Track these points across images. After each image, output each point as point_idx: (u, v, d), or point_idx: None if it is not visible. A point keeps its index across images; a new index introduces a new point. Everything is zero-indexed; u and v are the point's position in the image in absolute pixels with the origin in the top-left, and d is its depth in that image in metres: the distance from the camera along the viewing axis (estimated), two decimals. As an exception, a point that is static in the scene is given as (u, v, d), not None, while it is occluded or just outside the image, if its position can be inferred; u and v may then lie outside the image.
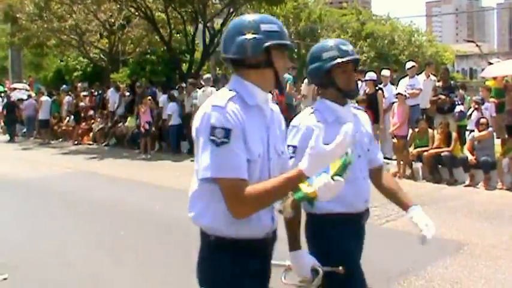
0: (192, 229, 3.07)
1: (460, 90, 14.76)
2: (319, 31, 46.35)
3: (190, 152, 16.71)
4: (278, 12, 39.39)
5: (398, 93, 13.60)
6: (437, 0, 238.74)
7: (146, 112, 18.35)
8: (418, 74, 14.64)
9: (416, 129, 13.13)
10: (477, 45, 53.27)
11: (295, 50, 44.00)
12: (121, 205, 10.66)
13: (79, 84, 27.34)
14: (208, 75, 18.04)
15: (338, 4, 72.07)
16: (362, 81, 14.64)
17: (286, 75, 16.33)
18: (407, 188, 11.52)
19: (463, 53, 65.83)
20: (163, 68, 27.17)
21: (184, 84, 19.17)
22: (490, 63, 17.68)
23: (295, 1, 43.39)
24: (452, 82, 14.88)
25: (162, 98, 18.98)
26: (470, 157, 12.22)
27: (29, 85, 32.28)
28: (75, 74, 33.53)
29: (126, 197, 11.57)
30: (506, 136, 12.45)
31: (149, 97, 18.84)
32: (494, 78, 14.67)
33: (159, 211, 10.07)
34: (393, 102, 13.89)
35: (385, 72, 14.92)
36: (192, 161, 13.53)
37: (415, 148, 12.96)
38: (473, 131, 12.79)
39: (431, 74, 14.77)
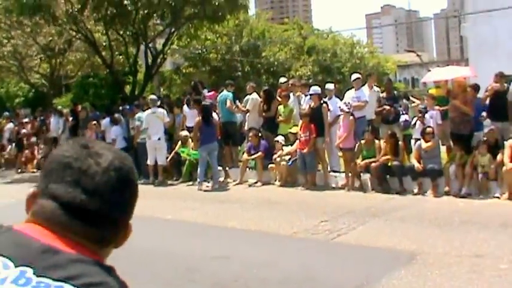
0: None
1: (404, 100, 14.92)
2: (261, 47, 46.47)
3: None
4: (220, 30, 39.40)
5: (341, 109, 13.63)
6: (376, 13, 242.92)
7: (92, 137, 17.97)
8: (362, 86, 14.72)
9: (363, 141, 13.17)
10: (417, 55, 54.37)
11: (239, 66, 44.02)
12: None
13: (21, 111, 26.76)
14: (153, 96, 17.81)
15: (280, 20, 72.56)
16: (306, 95, 14.68)
17: (225, 93, 16.24)
18: (357, 201, 11.79)
19: (404, 63, 66.91)
20: (107, 91, 26.84)
21: (128, 107, 18.89)
22: (429, 71, 18.05)
23: (237, 19, 43.45)
24: (395, 92, 15.01)
25: (104, 121, 18.59)
26: (417, 165, 12.32)
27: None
28: (17, 100, 32.91)
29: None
30: (451, 143, 12.57)
31: (94, 121, 18.45)
32: (438, 87, 14.86)
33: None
34: (339, 115, 13.92)
35: (329, 86, 14.96)
36: (142, 184, 13.22)
37: (362, 160, 12.99)
38: (418, 139, 12.91)
39: (374, 85, 14.88)
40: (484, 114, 12.86)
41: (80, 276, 1.30)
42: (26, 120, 23.89)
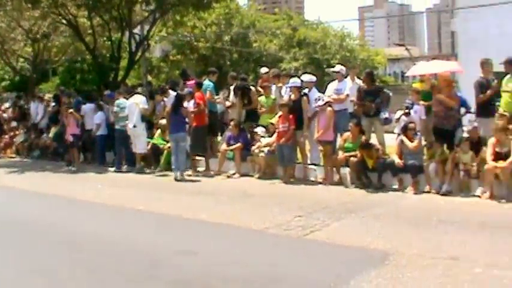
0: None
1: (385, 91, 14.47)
2: (251, 37, 46.20)
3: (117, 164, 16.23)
4: (209, 19, 39.09)
5: (318, 105, 13.31)
6: (369, 6, 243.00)
7: (71, 124, 17.56)
8: (345, 77, 14.41)
9: (348, 133, 12.88)
10: (407, 49, 54.09)
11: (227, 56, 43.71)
12: (22, 218, 10.38)
13: (4, 95, 26.40)
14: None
15: (272, 10, 72.16)
16: (287, 86, 14.37)
17: (207, 82, 15.95)
18: (334, 196, 11.52)
19: (394, 57, 66.83)
20: (94, 77, 26.40)
21: (109, 93, 18.52)
22: (415, 64, 17.81)
23: (227, 7, 43.10)
24: (377, 85, 14.69)
25: (86, 107, 18.15)
26: (398, 161, 12.05)
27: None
28: (3, 84, 32.44)
29: (33, 211, 11.25)
30: (433, 139, 12.30)
31: (71, 110, 17.90)
32: (422, 81, 14.57)
33: (61, 224, 9.81)
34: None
35: (310, 78, 14.59)
36: (116, 171, 13.29)
37: (346, 151, 12.69)
38: (400, 134, 12.64)
39: (357, 77, 14.57)
40: (463, 110, 12.62)
41: None
42: (7, 105, 23.54)
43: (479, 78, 12.64)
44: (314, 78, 14.62)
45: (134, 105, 15.84)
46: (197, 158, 15.44)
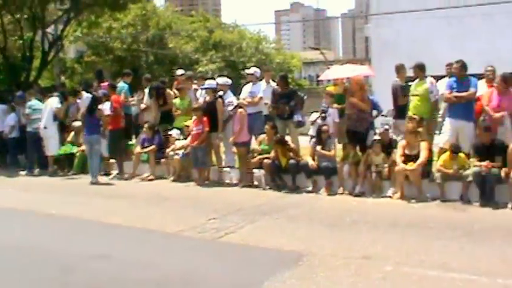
0: None
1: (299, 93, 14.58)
2: (167, 38, 45.86)
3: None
4: (123, 18, 38.55)
5: (229, 110, 13.37)
6: (285, 10, 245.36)
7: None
8: (260, 80, 14.46)
9: (263, 135, 12.95)
10: (322, 53, 54.92)
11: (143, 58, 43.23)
12: None
13: None
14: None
15: (188, 11, 71.88)
16: (202, 88, 14.34)
17: (121, 83, 15.73)
18: (249, 198, 11.56)
19: (309, 61, 67.71)
20: (5, 77, 25.45)
21: (20, 94, 17.93)
22: (329, 68, 18.08)
23: (144, 8, 42.63)
24: (291, 88, 14.81)
25: (-3, 108, 17.45)
26: (312, 163, 12.19)
27: None
28: None
29: None
30: (346, 141, 12.52)
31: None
32: (335, 85, 14.82)
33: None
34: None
35: (224, 80, 14.58)
36: (28, 175, 12.84)
37: (262, 153, 12.75)
38: (314, 136, 12.80)
39: (272, 80, 14.66)
40: (375, 112, 12.89)
41: None
42: None
43: (396, 82, 12.95)
44: (229, 81, 14.62)
45: (46, 105, 15.48)
46: (111, 161, 15.19)
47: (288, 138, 13.25)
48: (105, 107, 14.42)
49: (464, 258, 7.27)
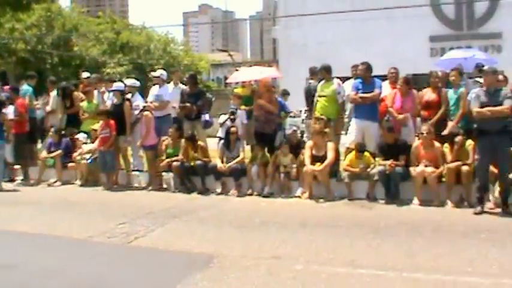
0: None
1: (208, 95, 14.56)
2: (74, 40, 44.89)
3: None
4: (26, 19, 37.48)
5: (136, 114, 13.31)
6: (194, 11, 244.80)
7: None
8: (168, 82, 14.34)
9: (168, 139, 12.85)
10: (229, 55, 55.09)
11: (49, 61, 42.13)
12: None
13: None
14: None
15: (95, 12, 70.50)
16: (109, 91, 14.11)
17: (25, 86, 15.27)
18: (158, 201, 11.46)
19: (217, 62, 67.73)
20: None
21: None
22: (237, 70, 18.17)
23: (48, 9, 41.57)
24: (199, 88, 14.78)
25: None
26: (220, 165, 12.21)
27: None
28: None
29: None
30: (255, 143, 12.61)
31: None
32: (243, 86, 14.91)
33: None
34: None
35: (133, 82, 14.38)
36: None
37: (167, 157, 12.67)
38: (222, 138, 12.83)
39: (181, 82, 14.58)
40: (283, 114, 13.06)
41: None
42: None
43: (310, 83, 13.13)
44: (137, 83, 14.42)
45: None
46: (16, 166, 14.73)
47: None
48: (9, 111, 13.94)
49: (372, 254, 7.46)
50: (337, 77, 12.51)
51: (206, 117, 13.46)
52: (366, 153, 11.33)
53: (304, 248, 7.80)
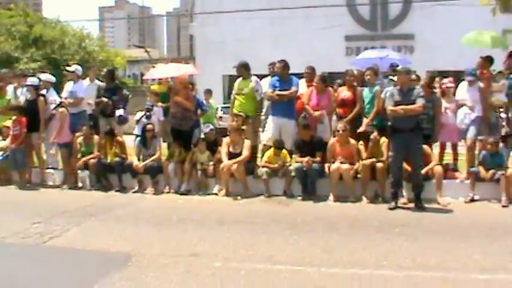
0: None
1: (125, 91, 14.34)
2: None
3: None
4: None
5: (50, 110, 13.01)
6: (110, 6, 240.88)
7: None
8: (83, 78, 14.04)
9: (82, 136, 12.60)
10: (146, 51, 54.51)
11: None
12: None
13: None
14: None
15: (7, 5, 68.38)
16: (23, 86, 13.70)
17: None
18: (74, 199, 11.22)
19: (134, 59, 66.81)
20: None
21: None
22: (154, 67, 18.05)
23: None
24: (116, 83, 14.55)
25: None
26: (136, 162, 12.10)
27: None
28: None
29: None
30: (172, 140, 12.54)
31: None
32: (160, 83, 14.78)
33: None
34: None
35: (48, 77, 14.00)
36: None
37: (82, 156, 12.42)
38: (139, 136, 12.73)
39: (97, 78, 14.32)
40: (199, 111, 13.03)
41: None
42: None
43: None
44: (53, 78, 14.02)
45: None
46: None
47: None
48: None
49: (290, 250, 7.55)
50: (255, 75, 12.57)
51: (121, 112, 13.22)
52: (284, 151, 11.45)
53: (222, 245, 7.82)
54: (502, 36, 17.56)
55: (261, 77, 12.81)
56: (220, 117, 22.25)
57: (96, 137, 12.60)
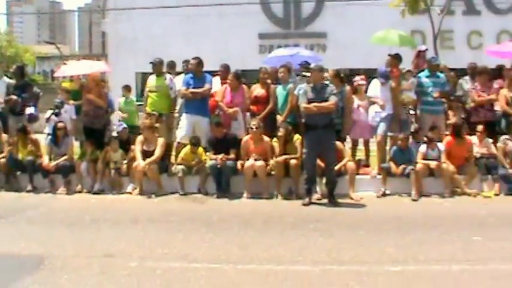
0: None
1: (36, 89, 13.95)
2: None
3: None
4: None
5: None
6: (18, 0, 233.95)
7: None
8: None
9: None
10: (57, 47, 53.30)
11: None
12: None
13: None
14: None
15: None
16: None
17: None
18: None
19: (44, 55, 65.25)
20: None
21: None
22: (65, 64, 17.70)
23: None
24: (26, 80, 14.17)
25: None
26: (47, 162, 11.83)
27: None
28: None
29: None
30: (84, 138, 12.34)
31: None
32: (71, 81, 14.49)
33: None
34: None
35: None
36: None
37: None
38: (50, 134, 12.43)
39: (5, 75, 13.90)
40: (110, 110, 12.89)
41: None
42: None
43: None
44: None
45: None
46: None
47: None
48: None
49: (205, 248, 7.57)
50: (167, 72, 12.51)
51: (31, 110, 12.88)
52: (200, 148, 11.45)
53: (138, 244, 7.76)
54: (410, 36, 18.09)
55: (175, 74, 12.77)
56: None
57: (4, 135, 12.21)
